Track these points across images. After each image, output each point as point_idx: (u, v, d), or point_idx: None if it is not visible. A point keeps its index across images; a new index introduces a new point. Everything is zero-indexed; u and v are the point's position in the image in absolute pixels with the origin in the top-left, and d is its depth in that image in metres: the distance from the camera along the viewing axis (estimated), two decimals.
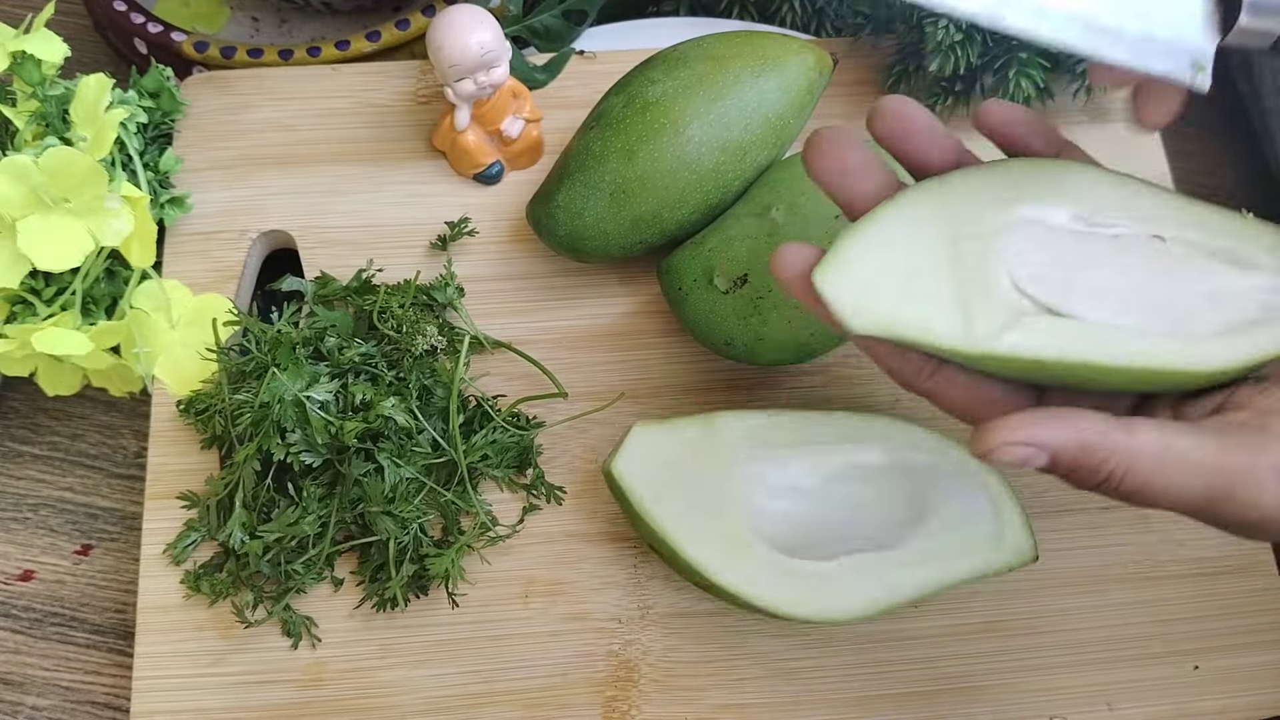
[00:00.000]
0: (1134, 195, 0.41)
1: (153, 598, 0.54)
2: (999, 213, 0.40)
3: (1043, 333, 0.37)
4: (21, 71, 0.55)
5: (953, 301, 0.38)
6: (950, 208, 0.40)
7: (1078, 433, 0.35)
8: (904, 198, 0.40)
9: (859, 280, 0.38)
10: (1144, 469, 0.34)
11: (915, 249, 0.39)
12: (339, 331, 0.56)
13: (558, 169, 0.58)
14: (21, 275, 0.53)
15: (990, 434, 0.35)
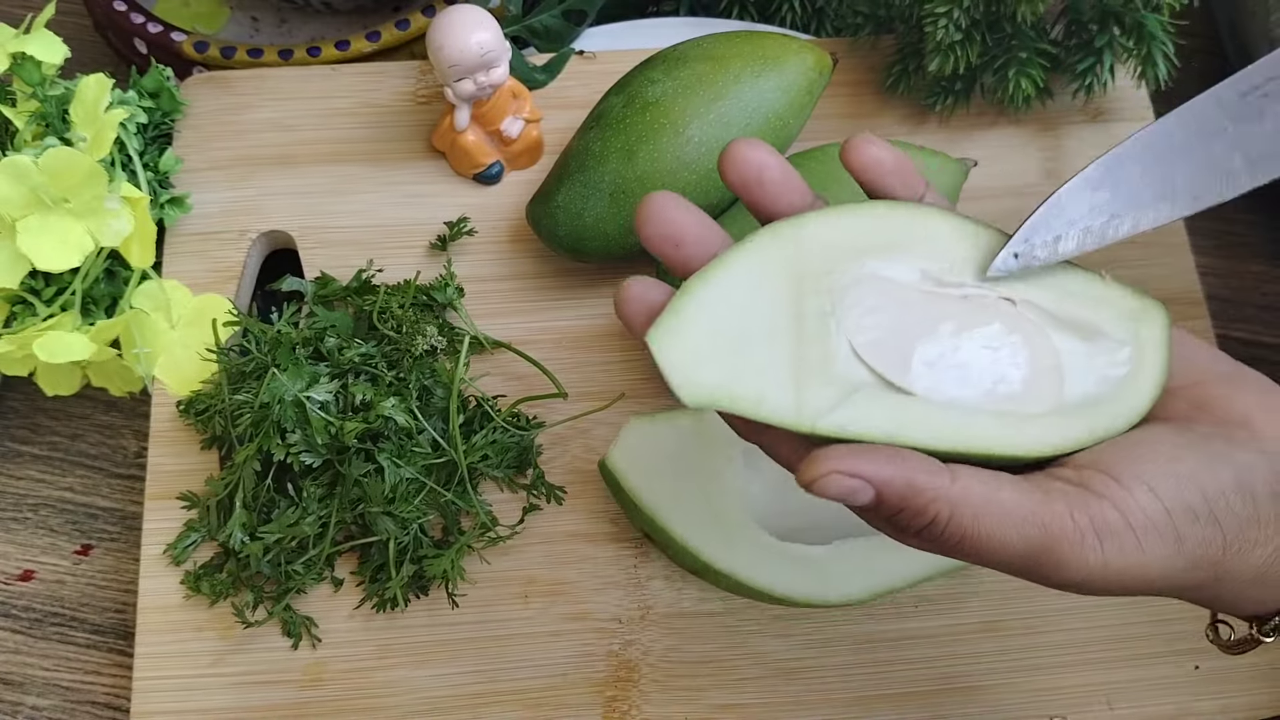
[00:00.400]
0: (989, 250, 0.39)
1: (153, 598, 0.54)
2: (848, 266, 0.38)
3: (872, 411, 0.36)
4: (21, 72, 0.55)
5: (788, 371, 0.36)
6: (800, 258, 0.37)
7: (907, 472, 0.34)
8: (751, 244, 0.37)
9: (691, 345, 0.35)
10: (967, 517, 0.34)
11: (756, 307, 0.36)
12: (339, 332, 0.56)
13: (557, 169, 0.58)
14: (21, 275, 0.53)
15: (818, 463, 0.34)
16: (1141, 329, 0.39)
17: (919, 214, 0.39)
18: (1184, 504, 0.35)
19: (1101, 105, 0.66)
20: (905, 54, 0.64)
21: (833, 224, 0.38)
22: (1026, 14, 0.58)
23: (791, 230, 0.38)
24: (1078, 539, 0.34)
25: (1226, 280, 0.69)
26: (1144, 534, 0.34)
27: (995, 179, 0.64)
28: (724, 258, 0.37)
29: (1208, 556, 0.35)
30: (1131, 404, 0.38)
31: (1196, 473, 0.35)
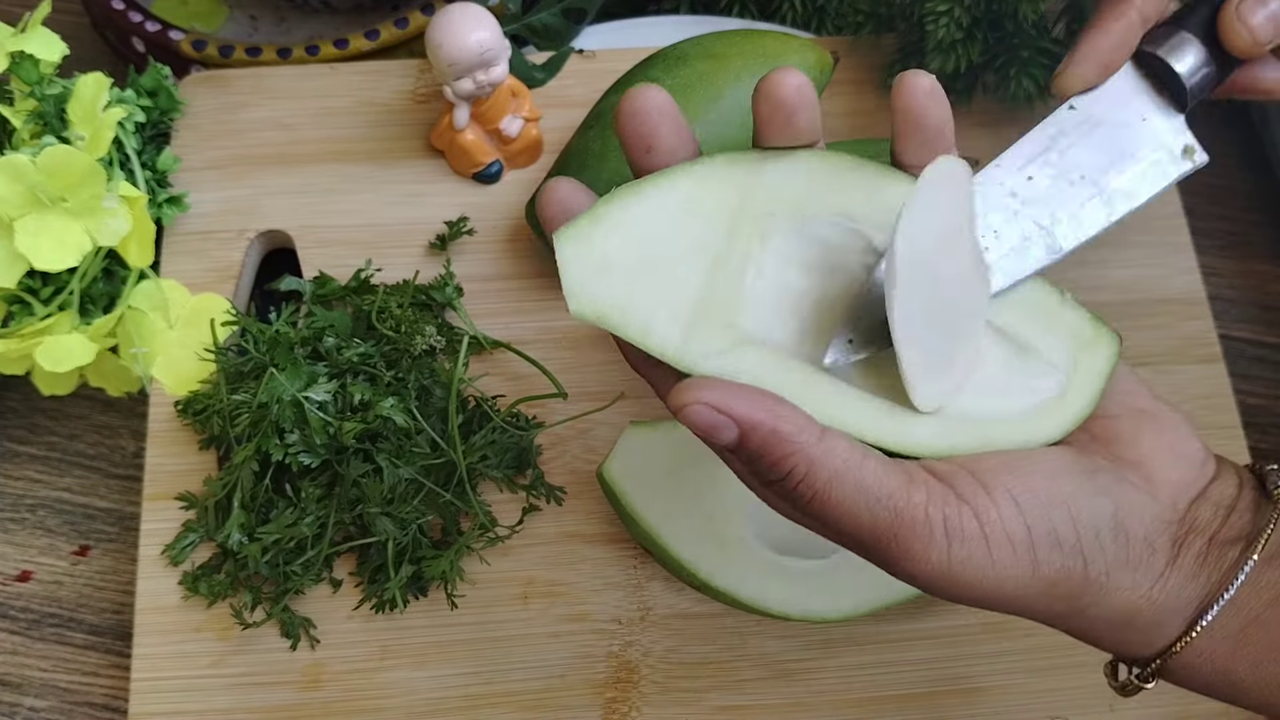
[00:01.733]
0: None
1: (151, 599, 0.54)
2: (790, 214, 0.35)
3: (756, 369, 0.34)
4: (19, 70, 0.55)
5: (689, 306, 0.34)
6: (747, 192, 0.35)
7: (774, 419, 0.32)
8: (698, 167, 0.35)
9: (599, 253, 0.33)
10: (822, 478, 0.33)
11: (681, 232, 0.34)
12: (337, 331, 0.55)
13: (557, 168, 0.57)
14: (19, 275, 0.52)
15: (690, 390, 0.32)
16: (1084, 359, 0.38)
17: (887, 179, 0.37)
18: (1049, 527, 0.34)
19: None
20: (906, 52, 0.64)
21: (793, 168, 0.36)
22: (1028, 13, 0.58)
23: (749, 164, 0.35)
24: (926, 533, 0.33)
25: (1230, 280, 0.68)
26: (997, 547, 0.34)
27: None
28: (666, 172, 0.35)
29: (1065, 587, 0.35)
30: (1038, 432, 0.36)
31: (1073, 499, 0.35)
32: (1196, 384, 0.59)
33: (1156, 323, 0.61)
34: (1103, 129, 0.43)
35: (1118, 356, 0.38)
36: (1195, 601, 0.36)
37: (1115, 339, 0.39)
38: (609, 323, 0.34)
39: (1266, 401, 0.65)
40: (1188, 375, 0.59)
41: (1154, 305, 0.61)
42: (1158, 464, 0.37)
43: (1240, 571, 0.36)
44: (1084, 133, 0.43)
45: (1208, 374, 0.60)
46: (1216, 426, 0.58)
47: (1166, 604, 0.36)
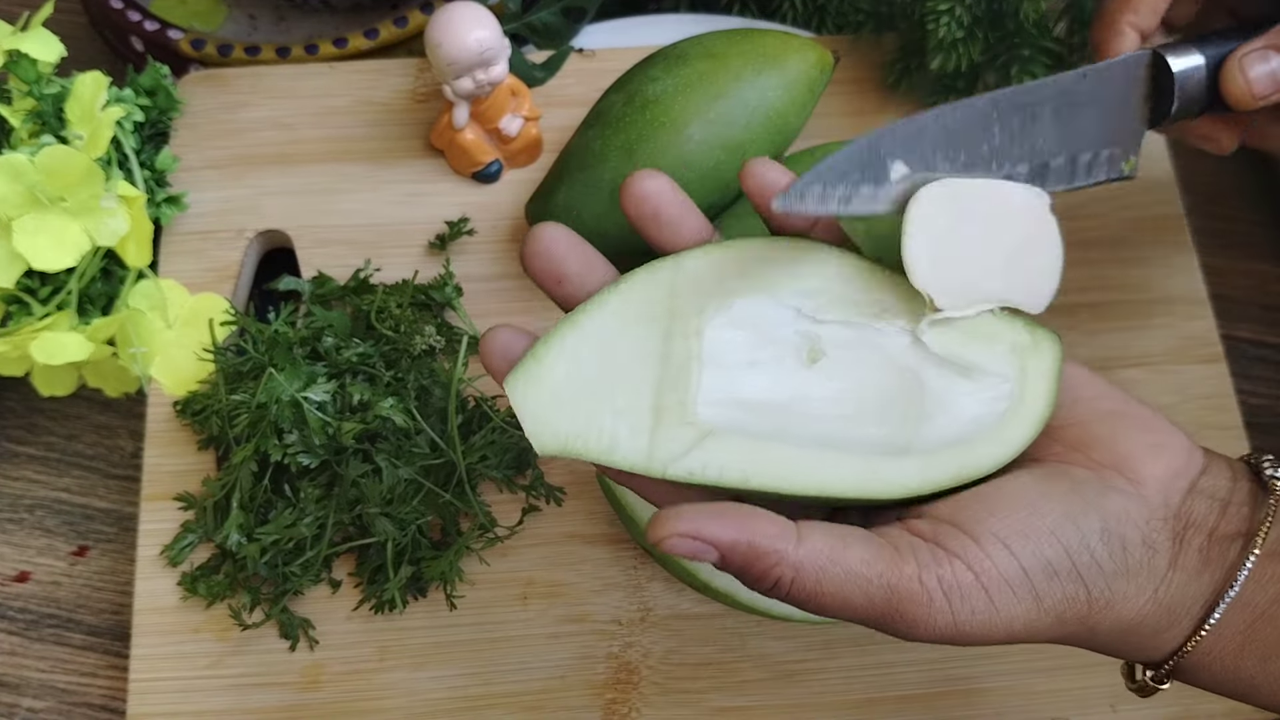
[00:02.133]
0: (873, 284, 0.38)
1: (149, 599, 0.54)
2: (718, 305, 0.37)
3: (723, 457, 0.35)
4: (17, 69, 0.55)
5: (646, 415, 0.36)
6: (674, 296, 0.37)
7: (748, 534, 0.34)
8: (625, 284, 0.37)
9: (548, 390, 0.35)
10: (809, 579, 0.34)
11: (621, 350, 0.36)
12: (336, 331, 0.55)
13: (557, 167, 0.57)
14: (17, 275, 0.52)
15: (664, 523, 0.34)
16: (1029, 363, 0.38)
17: (800, 249, 0.38)
18: (1042, 561, 0.34)
19: None
20: (907, 52, 0.64)
21: (709, 261, 0.37)
22: (1029, 11, 0.58)
23: (669, 268, 0.37)
24: (926, 601, 0.34)
25: (1231, 280, 0.68)
26: (996, 593, 0.34)
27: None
28: (595, 299, 0.36)
29: (1072, 612, 0.35)
30: (1006, 441, 0.37)
31: (1059, 526, 0.35)
32: (1198, 384, 0.59)
33: (1158, 323, 0.60)
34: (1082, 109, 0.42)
35: (1061, 352, 0.39)
36: (1201, 600, 0.36)
37: (1054, 337, 0.39)
38: (576, 451, 0.35)
39: (1269, 401, 0.65)
40: (1190, 375, 0.59)
41: (1155, 305, 0.61)
42: (1140, 461, 0.37)
43: (1243, 568, 0.35)
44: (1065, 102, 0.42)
45: (1210, 374, 0.59)
46: (1218, 427, 0.58)
47: (1173, 605, 0.36)
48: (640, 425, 0.35)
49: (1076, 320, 0.60)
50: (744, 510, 0.34)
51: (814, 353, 0.38)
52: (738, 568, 0.34)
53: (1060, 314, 0.60)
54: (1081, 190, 0.56)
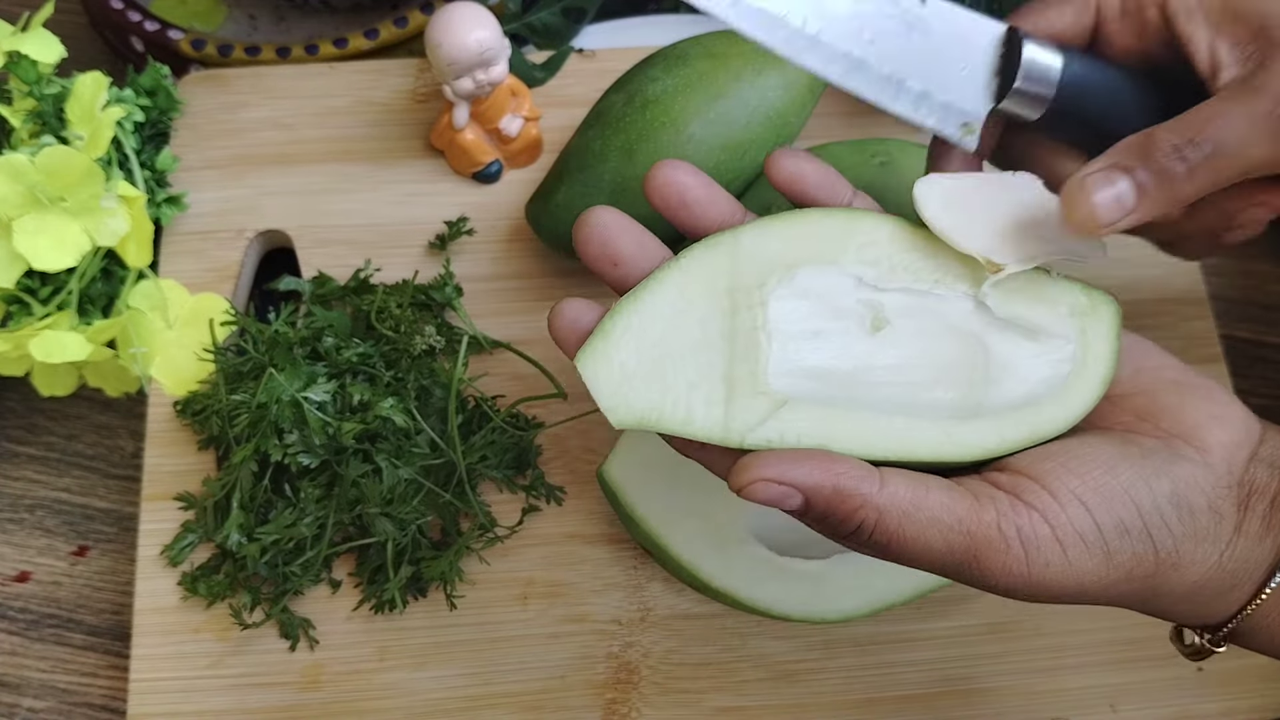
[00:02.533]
0: (929, 251, 0.39)
1: (149, 599, 0.54)
2: (780, 277, 0.37)
3: (800, 425, 0.36)
4: (18, 70, 0.55)
5: (719, 387, 0.36)
6: (733, 271, 0.37)
7: (833, 478, 0.34)
8: (684, 260, 0.37)
9: (618, 365, 0.35)
10: (892, 523, 0.34)
11: (686, 323, 0.36)
12: (336, 331, 0.55)
13: (557, 167, 0.57)
14: (18, 275, 0.52)
15: (748, 469, 0.34)
16: (1089, 325, 0.39)
17: (854, 219, 0.39)
18: (1115, 519, 0.35)
19: None
20: None
21: (767, 234, 0.38)
22: None
23: (727, 243, 0.38)
24: (1003, 548, 0.34)
25: (1231, 280, 0.68)
26: (1071, 547, 0.35)
27: None
28: (656, 275, 0.37)
29: (1140, 570, 0.36)
30: (1073, 403, 0.38)
31: (1132, 486, 0.36)
32: None
33: (1157, 323, 0.60)
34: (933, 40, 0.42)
35: (1119, 313, 0.40)
36: (1263, 565, 0.37)
37: (1110, 299, 0.40)
38: (651, 423, 0.36)
39: (1268, 401, 0.65)
40: None
41: (1154, 305, 0.61)
42: (1206, 430, 0.37)
43: None
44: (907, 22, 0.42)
45: (1209, 374, 0.59)
46: None
47: (1236, 570, 0.37)
48: (714, 396, 0.36)
49: None
50: (826, 454, 0.35)
51: (878, 321, 0.38)
52: (821, 512, 0.34)
53: None
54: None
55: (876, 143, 0.55)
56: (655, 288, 0.37)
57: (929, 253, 0.39)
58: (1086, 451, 0.37)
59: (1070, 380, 0.38)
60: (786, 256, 0.38)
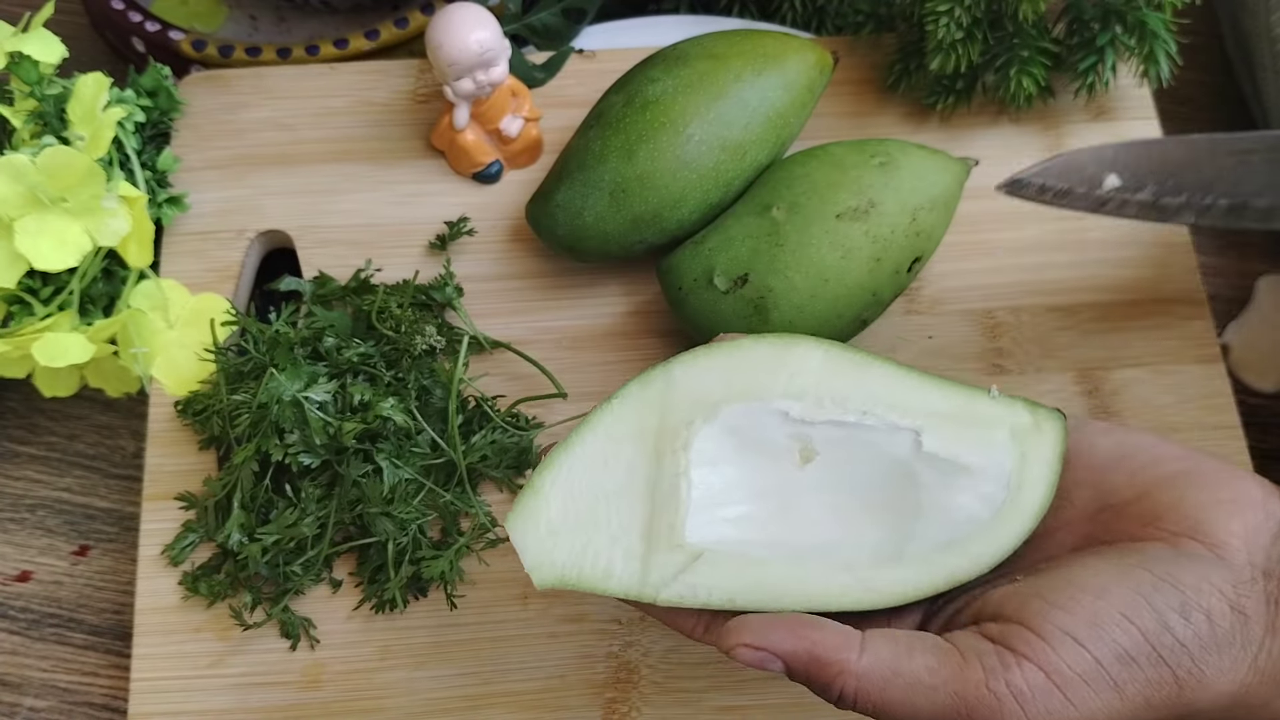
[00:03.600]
0: (859, 379, 0.38)
1: (150, 599, 0.54)
2: (706, 416, 0.37)
3: (711, 579, 0.36)
4: (19, 70, 0.55)
5: (638, 541, 0.36)
6: (664, 410, 0.37)
7: (810, 645, 0.34)
8: (614, 402, 0.37)
9: (544, 523, 0.36)
10: (873, 690, 0.34)
11: (613, 472, 0.37)
12: (337, 332, 0.55)
13: (557, 168, 0.57)
14: (19, 275, 0.52)
15: (730, 634, 0.35)
16: (1029, 447, 0.38)
17: (786, 348, 0.38)
18: (1115, 649, 0.33)
19: (1103, 104, 0.65)
20: (906, 52, 0.64)
21: (697, 366, 0.38)
22: (1028, 12, 0.58)
23: (660, 380, 0.38)
24: (996, 707, 0.33)
25: (1230, 280, 0.68)
26: (1072, 691, 0.33)
27: (996, 178, 0.63)
28: (589, 419, 0.37)
29: (1160, 697, 0.33)
30: (1003, 537, 0.37)
31: (1129, 607, 0.33)
32: (1196, 384, 0.59)
33: (1156, 323, 0.61)
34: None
35: (1063, 432, 0.38)
36: None
37: (1057, 417, 0.38)
38: (571, 583, 0.36)
39: (1267, 401, 0.65)
40: (1188, 375, 0.59)
41: (1154, 305, 0.61)
42: (1214, 522, 0.35)
43: None
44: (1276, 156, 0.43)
45: (1208, 374, 0.59)
46: (1217, 426, 0.58)
47: (1276, 673, 0.33)
48: (633, 551, 0.36)
49: (1076, 320, 0.60)
50: (807, 621, 0.35)
51: (806, 453, 0.38)
52: (803, 677, 0.34)
53: (1060, 314, 0.61)
54: None
55: (876, 143, 0.55)
56: (586, 434, 0.37)
57: (859, 381, 0.38)
58: (1076, 578, 0.34)
59: (1002, 511, 0.37)
60: (715, 393, 0.38)
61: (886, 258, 0.53)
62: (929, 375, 0.39)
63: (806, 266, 0.52)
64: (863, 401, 0.38)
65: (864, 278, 0.53)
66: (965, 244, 0.61)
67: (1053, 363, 0.59)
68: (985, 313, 0.60)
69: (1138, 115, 0.65)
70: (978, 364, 0.59)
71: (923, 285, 0.61)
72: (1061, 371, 0.59)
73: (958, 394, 0.39)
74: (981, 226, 0.62)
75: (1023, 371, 0.59)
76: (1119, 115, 0.65)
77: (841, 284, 0.53)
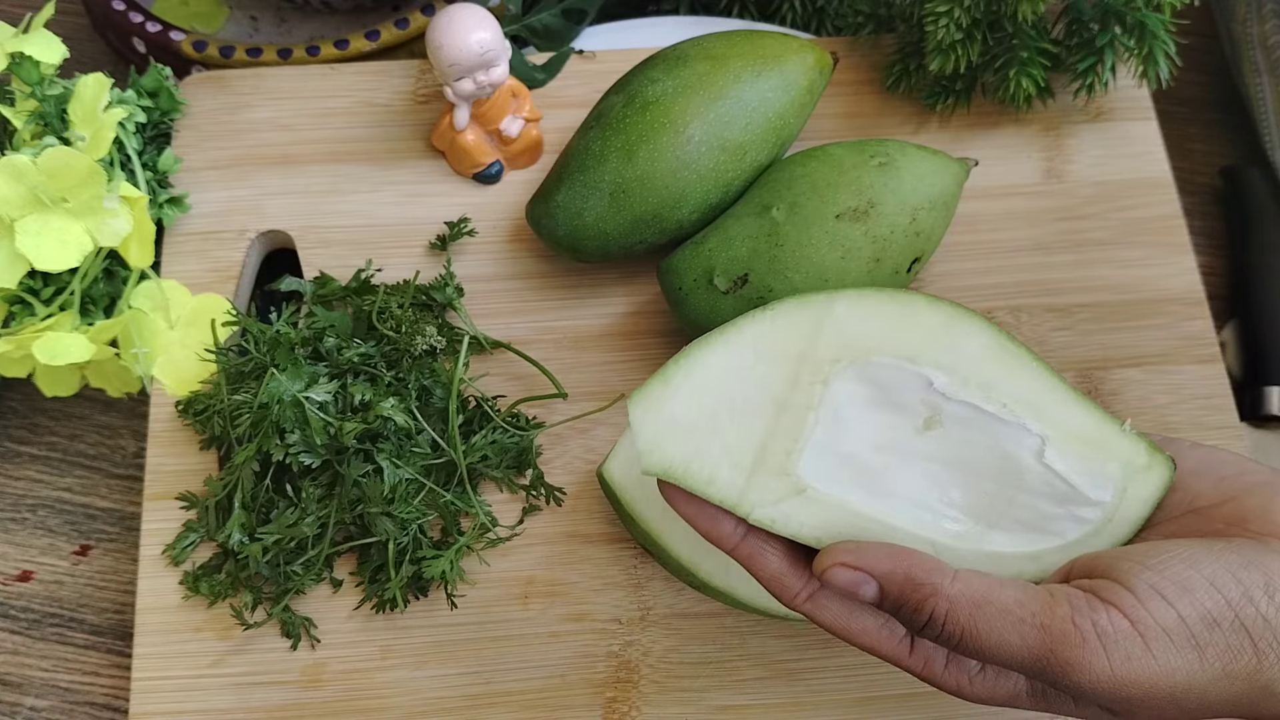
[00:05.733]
0: (1013, 369, 0.38)
1: (151, 599, 0.54)
2: (854, 359, 0.37)
3: (804, 516, 0.36)
4: (20, 71, 0.55)
5: (748, 456, 0.37)
6: (813, 338, 0.37)
7: (906, 567, 0.35)
8: (769, 314, 0.37)
9: (667, 414, 0.36)
10: (963, 615, 0.34)
11: (747, 382, 0.37)
12: (338, 332, 0.55)
13: (557, 168, 0.57)
14: (20, 275, 0.52)
15: (826, 555, 0.36)
16: (1134, 485, 0.39)
17: (953, 319, 0.38)
18: (1200, 610, 0.33)
19: (1103, 105, 0.65)
20: (906, 53, 0.64)
21: (861, 308, 0.38)
22: (1027, 13, 0.58)
23: (820, 308, 0.37)
24: (1079, 641, 0.33)
25: (1229, 280, 0.68)
26: (1155, 641, 0.33)
27: (996, 178, 0.63)
28: (737, 323, 0.37)
29: (1240, 666, 0.33)
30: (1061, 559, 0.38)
31: (1217, 577, 0.34)
32: (1196, 384, 0.59)
33: (1156, 323, 0.61)
34: None
35: (1170, 481, 0.39)
36: None
37: (1168, 465, 0.39)
38: (676, 477, 0.36)
39: None
40: (1187, 375, 0.59)
41: (1154, 305, 0.61)
42: None
43: None
44: None
45: (1207, 374, 0.60)
46: (1216, 426, 0.58)
47: None
48: (742, 465, 0.37)
49: (1075, 320, 0.60)
50: (901, 547, 0.36)
51: (931, 421, 0.38)
52: (895, 599, 0.35)
53: (1059, 314, 0.61)
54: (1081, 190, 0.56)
55: (876, 143, 0.55)
56: (732, 336, 0.37)
57: (1010, 373, 0.38)
58: (1167, 548, 0.35)
59: (1086, 535, 0.38)
60: (870, 340, 0.37)
61: (886, 258, 0.54)
62: (1074, 391, 0.39)
63: (806, 267, 0.53)
64: (1007, 395, 0.38)
65: (864, 278, 0.53)
66: (965, 244, 0.62)
67: (1052, 362, 0.59)
68: (985, 312, 0.60)
69: (1137, 116, 0.65)
70: None
71: (923, 285, 0.61)
72: (1061, 371, 0.59)
73: (1093, 417, 0.39)
74: (981, 226, 0.62)
75: None
76: (1118, 116, 0.65)
77: (841, 284, 0.53)
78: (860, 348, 0.37)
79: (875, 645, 0.38)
